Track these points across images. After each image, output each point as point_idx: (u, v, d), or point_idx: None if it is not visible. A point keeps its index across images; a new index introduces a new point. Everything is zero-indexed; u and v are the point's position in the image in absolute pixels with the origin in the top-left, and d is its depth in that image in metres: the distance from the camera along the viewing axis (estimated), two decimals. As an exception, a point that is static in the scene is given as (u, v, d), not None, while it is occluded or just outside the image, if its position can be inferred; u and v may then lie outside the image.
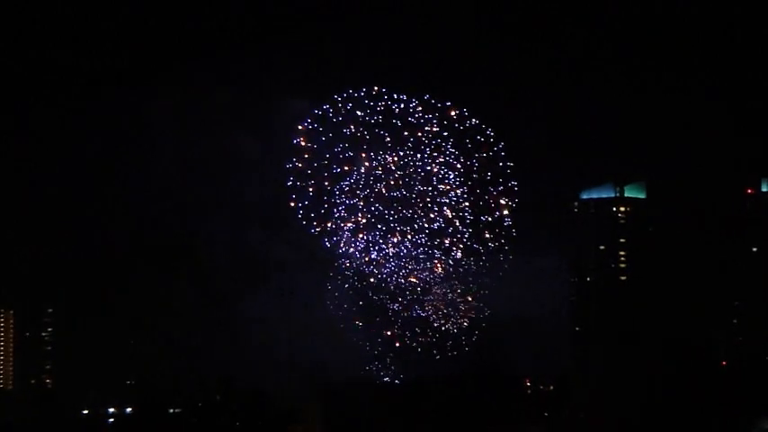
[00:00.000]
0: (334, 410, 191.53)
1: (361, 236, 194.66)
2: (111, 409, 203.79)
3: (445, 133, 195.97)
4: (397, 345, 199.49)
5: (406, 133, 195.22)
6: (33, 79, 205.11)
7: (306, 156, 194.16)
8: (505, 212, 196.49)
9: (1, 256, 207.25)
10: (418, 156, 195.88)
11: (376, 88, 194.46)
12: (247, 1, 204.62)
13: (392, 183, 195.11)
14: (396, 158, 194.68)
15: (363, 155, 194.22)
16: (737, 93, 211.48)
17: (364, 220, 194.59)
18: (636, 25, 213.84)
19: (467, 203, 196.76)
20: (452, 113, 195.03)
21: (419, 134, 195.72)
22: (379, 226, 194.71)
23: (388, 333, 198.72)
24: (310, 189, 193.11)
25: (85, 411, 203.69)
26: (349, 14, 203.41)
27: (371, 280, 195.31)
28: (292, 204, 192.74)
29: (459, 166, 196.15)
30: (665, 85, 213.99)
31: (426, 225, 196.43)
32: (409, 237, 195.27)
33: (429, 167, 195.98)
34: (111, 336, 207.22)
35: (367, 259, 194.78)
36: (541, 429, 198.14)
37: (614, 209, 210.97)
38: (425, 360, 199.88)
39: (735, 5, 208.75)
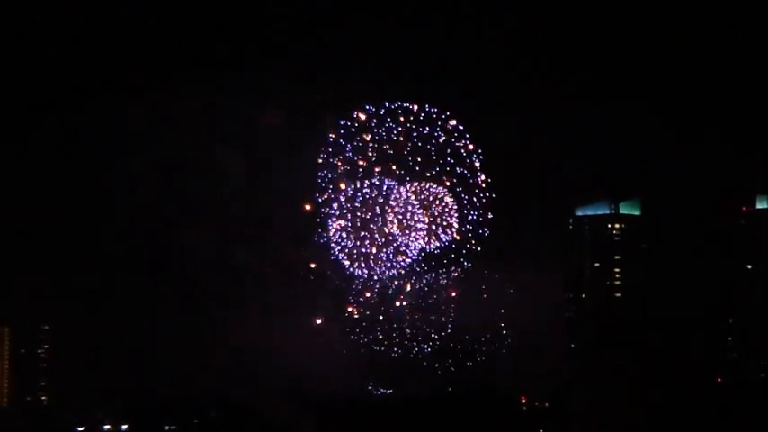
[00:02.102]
0: (326, 424, 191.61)
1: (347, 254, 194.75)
2: (107, 426, 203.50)
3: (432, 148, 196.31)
4: (390, 360, 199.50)
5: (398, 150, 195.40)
6: (15, 87, 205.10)
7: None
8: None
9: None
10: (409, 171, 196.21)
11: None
12: (233, 9, 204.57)
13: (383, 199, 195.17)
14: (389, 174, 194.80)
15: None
16: (733, 110, 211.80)
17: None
18: (633, 42, 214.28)
19: (460, 219, 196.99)
20: (450, 124, 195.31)
21: (412, 150, 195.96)
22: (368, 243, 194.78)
23: (380, 348, 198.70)
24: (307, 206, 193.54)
25: (81, 429, 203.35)
26: (338, 22, 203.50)
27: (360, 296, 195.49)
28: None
29: (450, 183, 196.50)
30: (660, 102, 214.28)
31: (420, 242, 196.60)
32: (402, 256, 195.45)
33: (421, 184, 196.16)
34: (107, 353, 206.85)
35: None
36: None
37: (609, 226, 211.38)
38: (418, 376, 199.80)
39: (731, 25, 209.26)
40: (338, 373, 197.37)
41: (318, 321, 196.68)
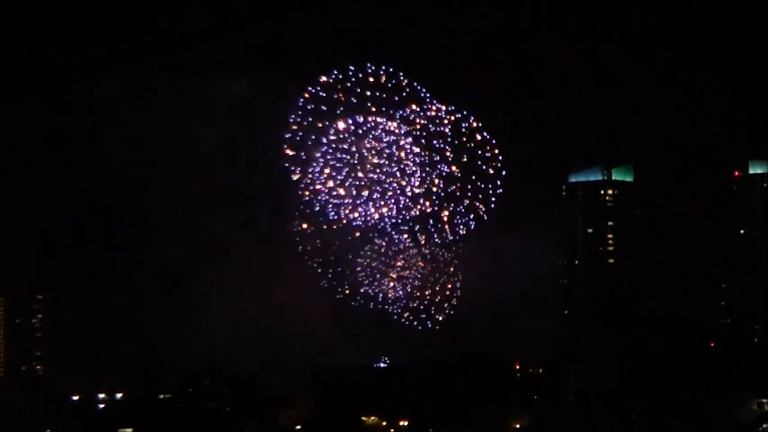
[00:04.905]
0: (323, 395, 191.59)
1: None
2: (101, 395, 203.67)
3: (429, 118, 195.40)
4: (386, 328, 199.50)
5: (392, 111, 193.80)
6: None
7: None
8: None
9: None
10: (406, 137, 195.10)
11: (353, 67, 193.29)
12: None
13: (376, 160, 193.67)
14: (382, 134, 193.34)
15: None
16: (725, 77, 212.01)
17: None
18: (626, 12, 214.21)
19: (454, 186, 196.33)
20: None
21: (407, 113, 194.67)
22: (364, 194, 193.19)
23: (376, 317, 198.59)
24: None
25: (75, 397, 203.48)
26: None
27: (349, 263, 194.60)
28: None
29: (448, 152, 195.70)
30: (653, 69, 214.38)
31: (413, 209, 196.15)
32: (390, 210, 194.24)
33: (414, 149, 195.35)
34: (102, 323, 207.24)
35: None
36: (531, 412, 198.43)
37: (602, 192, 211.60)
38: (414, 343, 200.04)
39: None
40: (334, 342, 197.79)
41: (309, 291, 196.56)
